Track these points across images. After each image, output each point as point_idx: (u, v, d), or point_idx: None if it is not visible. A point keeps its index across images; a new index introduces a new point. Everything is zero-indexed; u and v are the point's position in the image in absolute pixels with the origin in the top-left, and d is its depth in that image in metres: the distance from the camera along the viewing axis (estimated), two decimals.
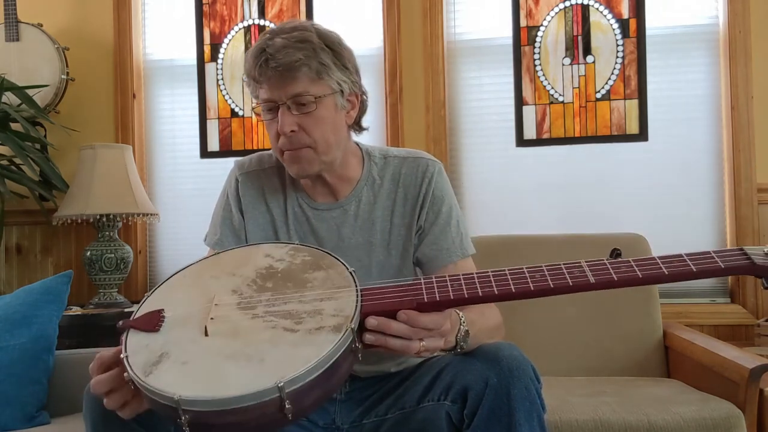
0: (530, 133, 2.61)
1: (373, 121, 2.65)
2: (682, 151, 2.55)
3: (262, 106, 1.28)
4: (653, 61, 2.56)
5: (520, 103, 2.62)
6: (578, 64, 2.59)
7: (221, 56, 2.78)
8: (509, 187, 2.63)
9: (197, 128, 2.79)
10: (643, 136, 2.55)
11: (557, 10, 2.61)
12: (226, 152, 2.76)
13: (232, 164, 1.45)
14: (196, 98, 2.79)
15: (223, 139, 2.78)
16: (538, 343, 2.06)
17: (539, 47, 2.61)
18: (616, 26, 2.57)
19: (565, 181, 2.60)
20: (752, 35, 2.47)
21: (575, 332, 2.12)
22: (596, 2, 2.59)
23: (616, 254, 1.04)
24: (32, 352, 1.75)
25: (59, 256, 2.81)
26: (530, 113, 2.61)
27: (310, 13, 2.73)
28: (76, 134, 2.68)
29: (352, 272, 1.06)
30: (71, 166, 2.63)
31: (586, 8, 2.59)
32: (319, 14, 2.74)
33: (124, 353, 0.96)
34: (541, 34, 2.62)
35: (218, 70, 2.79)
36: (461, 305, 1.09)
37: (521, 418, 1.06)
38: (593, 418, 1.60)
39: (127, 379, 0.94)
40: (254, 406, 0.88)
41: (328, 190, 1.37)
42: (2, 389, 1.69)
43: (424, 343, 1.02)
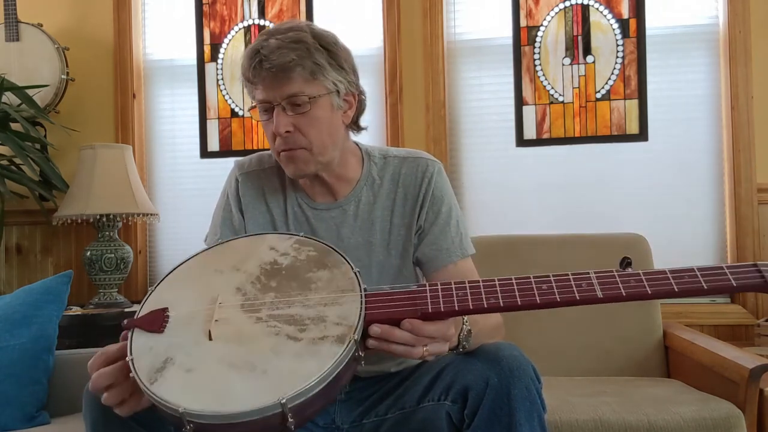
0: (530, 133, 2.61)
1: (373, 121, 2.66)
2: (682, 151, 2.55)
3: (258, 107, 1.29)
4: (653, 61, 2.56)
5: (520, 103, 2.62)
6: (578, 64, 2.59)
7: (221, 56, 2.78)
8: (509, 187, 2.63)
9: (197, 128, 2.79)
10: (643, 136, 2.55)
11: (557, 10, 2.61)
12: (226, 152, 2.76)
13: (232, 164, 1.46)
14: (196, 98, 2.79)
15: (223, 139, 2.78)
16: (538, 343, 2.06)
17: (539, 47, 2.61)
18: (616, 26, 2.57)
19: (565, 181, 2.60)
20: (752, 35, 2.47)
21: (575, 332, 2.12)
22: (596, 2, 2.59)
23: (626, 263, 1.01)
24: (32, 352, 1.75)
25: (59, 256, 2.81)
26: (530, 113, 2.61)
27: (310, 13, 2.73)
28: (76, 134, 2.68)
29: (356, 273, 1.06)
30: (71, 166, 2.63)
31: (586, 8, 2.59)
32: (319, 14, 2.74)
33: (129, 356, 0.96)
34: (541, 34, 2.62)
35: (218, 70, 2.78)
36: (466, 315, 1.09)
37: (522, 418, 1.06)
38: (593, 418, 1.61)
39: (132, 377, 0.95)
40: (257, 420, 0.89)
41: (326, 190, 1.37)
42: (2, 389, 1.69)
43: (427, 348, 1.02)
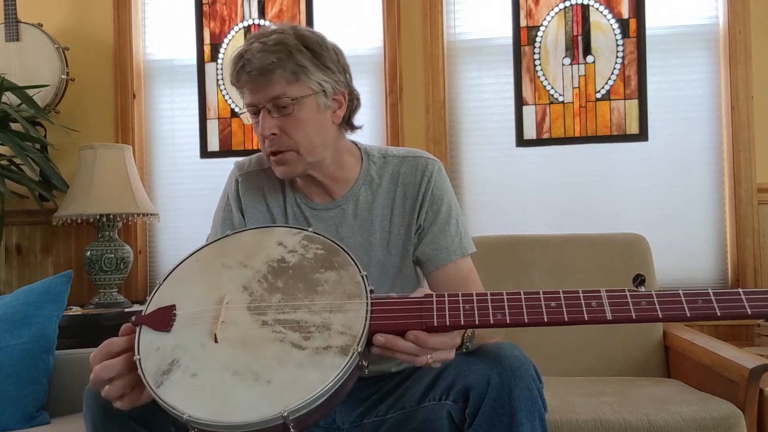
0: (530, 133, 2.61)
1: (373, 121, 2.68)
2: (681, 151, 2.55)
3: (247, 110, 1.31)
4: (653, 61, 2.56)
5: (520, 103, 2.62)
6: (578, 64, 2.59)
7: (221, 56, 2.78)
8: (509, 187, 2.63)
9: (197, 128, 2.79)
10: (643, 136, 2.55)
11: (557, 10, 2.61)
12: (226, 152, 2.76)
13: (232, 164, 1.46)
14: (196, 98, 2.79)
15: (223, 139, 2.78)
16: (538, 343, 2.06)
17: (539, 47, 2.61)
18: (616, 26, 2.57)
19: (565, 181, 2.60)
20: (752, 35, 2.48)
21: (575, 332, 2.11)
22: (596, 2, 2.59)
23: (640, 281, 0.99)
24: (32, 352, 1.75)
25: (59, 256, 2.81)
26: (530, 113, 2.61)
27: (310, 13, 2.73)
28: (76, 134, 2.68)
29: (363, 276, 1.05)
30: (71, 166, 2.63)
31: (586, 8, 2.59)
32: (319, 14, 2.74)
33: (137, 356, 0.98)
34: (541, 34, 2.62)
35: (218, 70, 2.78)
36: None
37: (523, 417, 1.06)
38: (593, 418, 1.61)
39: (138, 375, 0.96)
40: (260, 430, 0.91)
41: (322, 189, 1.37)
42: (2, 389, 1.68)
43: (432, 356, 1.02)
